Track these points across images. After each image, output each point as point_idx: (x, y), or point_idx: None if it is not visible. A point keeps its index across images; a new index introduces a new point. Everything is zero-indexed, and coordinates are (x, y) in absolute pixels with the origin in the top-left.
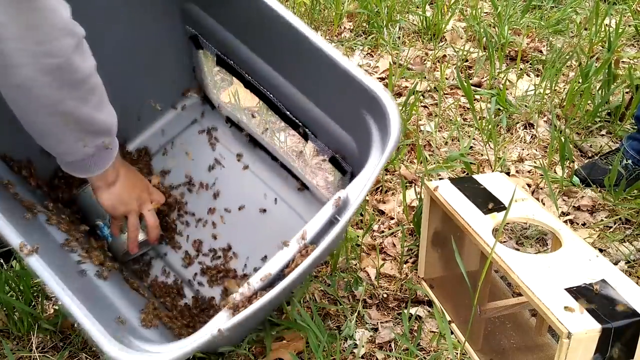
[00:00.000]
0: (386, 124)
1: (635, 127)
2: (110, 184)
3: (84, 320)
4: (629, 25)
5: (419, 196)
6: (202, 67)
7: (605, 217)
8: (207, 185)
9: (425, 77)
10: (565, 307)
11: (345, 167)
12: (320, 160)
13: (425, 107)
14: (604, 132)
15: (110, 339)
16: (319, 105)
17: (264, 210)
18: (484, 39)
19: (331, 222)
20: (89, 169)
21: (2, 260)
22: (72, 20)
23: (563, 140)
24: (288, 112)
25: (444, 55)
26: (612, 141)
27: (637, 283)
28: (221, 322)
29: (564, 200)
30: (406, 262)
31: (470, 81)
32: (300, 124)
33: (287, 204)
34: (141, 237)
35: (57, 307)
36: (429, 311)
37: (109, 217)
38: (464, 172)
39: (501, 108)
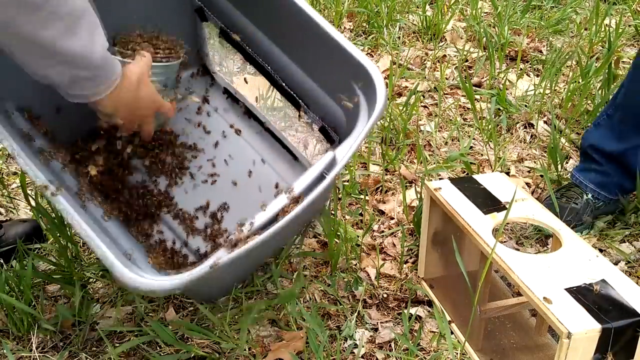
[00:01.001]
0: (373, 93)
1: (589, 157)
2: (108, 114)
3: (103, 250)
4: (629, 25)
5: (419, 196)
6: (205, 40)
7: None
8: (202, 149)
9: (425, 77)
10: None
11: (334, 137)
12: (310, 130)
13: (425, 107)
14: None
15: (125, 266)
16: (312, 77)
17: (250, 172)
18: (484, 39)
19: (321, 178)
20: (77, 96)
21: (2, 260)
22: None
23: (553, 145)
24: (284, 84)
25: (444, 55)
26: None
27: (637, 283)
28: (217, 258)
29: None
30: (406, 262)
31: (471, 81)
32: (294, 95)
33: (274, 171)
34: None
35: (56, 308)
36: (429, 311)
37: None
38: (464, 172)
39: (501, 108)
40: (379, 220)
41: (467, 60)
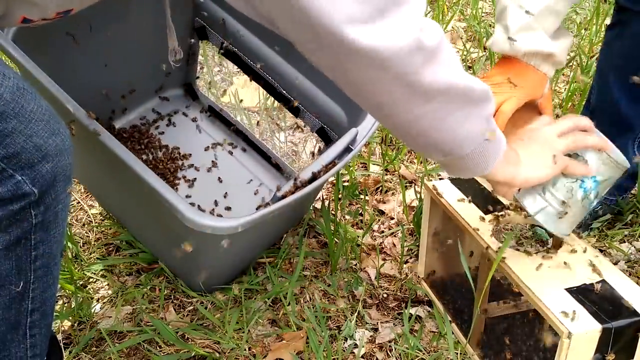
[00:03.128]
0: None
1: None
2: (516, 160)
3: (168, 192)
4: None
5: (419, 196)
6: (197, 58)
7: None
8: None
9: None
10: (563, 312)
11: (332, 136)
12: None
13: None
14: None
15: (189, 206)
16: (308, 78)
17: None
18: (484, 39)
19: (347, 150)
20: (489, 154)
21: None
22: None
23: None
24: (284, 92)
25: None
26: None
27: (637, 283)
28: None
29: None
30: (406, 262)
31: None
32: (292, 99)
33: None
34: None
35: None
36: (429, 311)
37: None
38: None
39: None
40: (379, 220)
41: (467, 60)
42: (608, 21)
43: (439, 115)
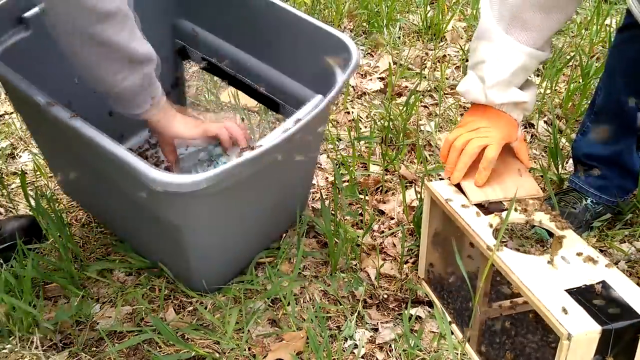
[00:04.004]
0: (346, 55)
1: (585, 164)
2: (173, 115)
3: (131, 158)
4: None
5: (419, 196)
6: (184, 81)
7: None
8: None
9: (425, 77)
10: (562, 314)
11: None
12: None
13: (425, 107)
14: None
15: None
16: (280, 70)
17: None
18: None
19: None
20: (137, 103)
21: (2, 260)
22: None
23: (554, 145)
24: (266, 92)
25: (444, 55)
26: None
27: (637, 283)
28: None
29: None
30: (406, 262)
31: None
32: (275, 98)
33: None
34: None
35: (57, 309)
36: (429, 311)
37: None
38: None
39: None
40: (379, 220)
41: (467, 60)
42: (608, 21)
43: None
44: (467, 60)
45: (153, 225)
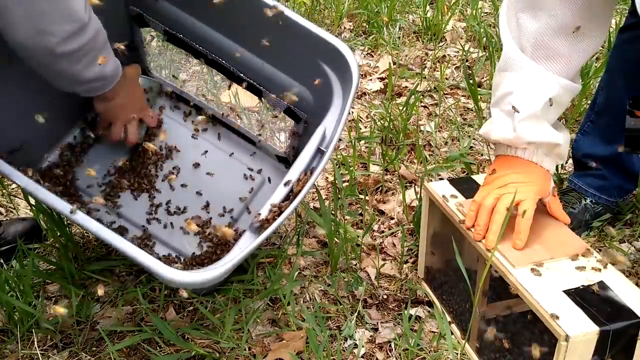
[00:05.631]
0: (345, 69)
1: (584, 164)
2: (107, 99)
3: (147, 258)
4: None
5: (418, 196)
6: (143, 45)
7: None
8: (161, 155)
9: (425, 77)
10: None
11: (300, 115)
12: (274, 116)
13: (425, 107)
14: None
15: (168, 267)
16: (273, 64)
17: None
18: (484, 39)
19: (318, 152)
20: (87, 93)
21: (2, 260)
22: (81, 9)
23: None
24: (242, 75)
25: (444, 55)
26: None
27: (636, 284)
28: (246, 242)
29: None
30: (406, 262)
31: (470, 81)
32: (257, 85)
33: (240, 162)
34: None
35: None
36: (429, 311)
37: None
38: (464, 172)
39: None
40: (379, 220)
41: (467, 60)
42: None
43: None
44: (466, 60)
45: None
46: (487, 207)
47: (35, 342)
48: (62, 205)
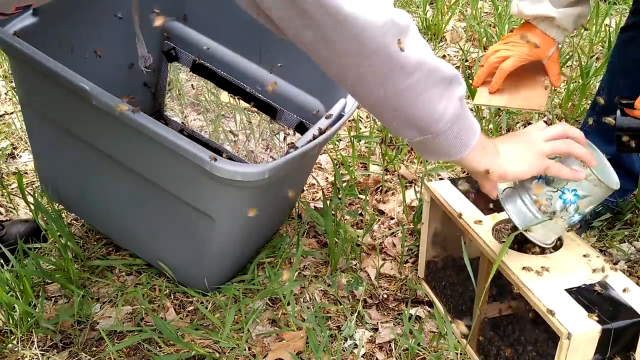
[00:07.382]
0: None
1: None
2: (495, 151)
3: (189, 144)
4: None
5: (419, 196)
6: (165, 81)
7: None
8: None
9: None
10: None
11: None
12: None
13: None
14: None
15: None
16: (285, 79)
17: None
18: (484, 39)
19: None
20: (463, 136)
21: (2, 260)
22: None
23: None
24: (261, 96)
25: (444, 55)
26: None
27: (637, 283)
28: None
29: None
30: (406, 262)
31: (470, 81)
32: (272, 103)
33: None
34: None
35: (57, 308)
36: (429, 311)
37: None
38: (464, 172)
39: (501, 108)
40: (379, 220)
41: (467, 60)
42: (607, 21)
43: (417, 91)
44: (466, 60)
45: (168, 221)
46: (485, 57)
47: (35, 342)
48: None
